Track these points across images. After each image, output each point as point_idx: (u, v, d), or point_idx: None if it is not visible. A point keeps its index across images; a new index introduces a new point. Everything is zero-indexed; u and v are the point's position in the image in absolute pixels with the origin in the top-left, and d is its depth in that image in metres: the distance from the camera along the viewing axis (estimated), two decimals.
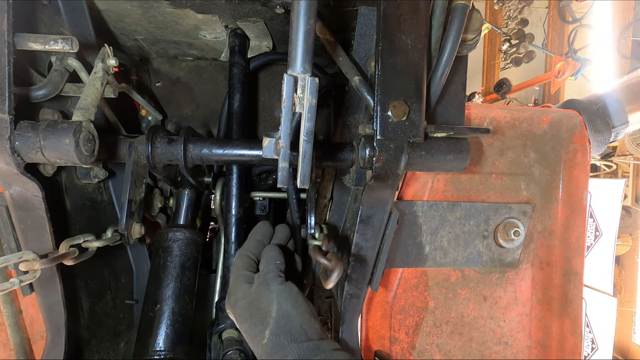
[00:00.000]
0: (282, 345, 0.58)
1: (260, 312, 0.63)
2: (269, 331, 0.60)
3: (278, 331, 0.60)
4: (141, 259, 1.14)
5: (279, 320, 0.61)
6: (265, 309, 0.63)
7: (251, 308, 0.65)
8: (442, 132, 0.76)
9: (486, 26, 5.05)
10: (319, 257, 0.70)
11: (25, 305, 0.94)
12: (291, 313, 0.62)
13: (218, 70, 1.29)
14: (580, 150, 1.12)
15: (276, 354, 0.58)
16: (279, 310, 0.62)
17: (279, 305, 0.62)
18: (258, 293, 0.66)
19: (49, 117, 0.77)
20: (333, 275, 0.66)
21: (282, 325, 0.60)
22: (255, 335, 0.62)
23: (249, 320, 0.65)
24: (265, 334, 0.60)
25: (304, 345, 0.58)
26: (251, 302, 0.66)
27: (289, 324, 0.61)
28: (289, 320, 0.61)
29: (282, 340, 0.59)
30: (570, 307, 1.13)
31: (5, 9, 0.59)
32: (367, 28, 0.87)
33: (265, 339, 0.60)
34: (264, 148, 0.65)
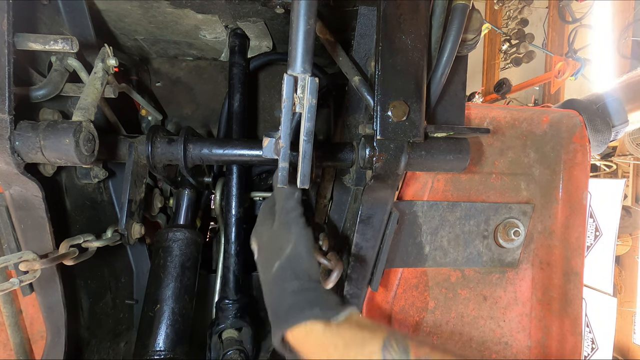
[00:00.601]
0: (285, 277, 0.66)
1: (277, 247, 0.70)
2: (279, 264, 0.67)
3: (286, 266, 0.67)
4: (141, 259, 1.14)
5: (290, 258, 0.67)
6: (281, 246, 0.70)
7: (270, 242, 0.73)
8: (442, 132, 0.76)
9: (486, 26, 5.05)
10: (319, 257, 0.72)
11: (25, 305, 0.93)
12: (303, 256, 0.68)
13: (218, 70, 1.29)
14: (580, 150, 1.12)
15: (278, 283, 0.66)
16: (292, 250, 0.68)
17: (294, 246, 0.69)
18: (279, 232, 0.73)
19: (49, 117, 0.77)
20: (333, 275, 0.69)
21: (291, 262, 0.67)
22: (267, 265, 0.70)
23: (266, 251, 0.73)
24: (275, 265, 0.68)
25: (304, 282, 0.65)
26: (271, 238, 0.73)
27: (297, 263, 0.67)
28: (298, 261, 0.67)
29: (287, 273, 0.66)
30: (570, 307, 1.13)
31: (5, 9, 0.59)
32: (367, 28, 0.87)
33: (274, 268, 0.68)
34: (264, 148, 0.65)
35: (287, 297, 0.64)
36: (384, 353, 0.51)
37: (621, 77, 1.32)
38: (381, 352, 0.52)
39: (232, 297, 1.03)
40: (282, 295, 0.65)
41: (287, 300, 0.64)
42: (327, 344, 0.57)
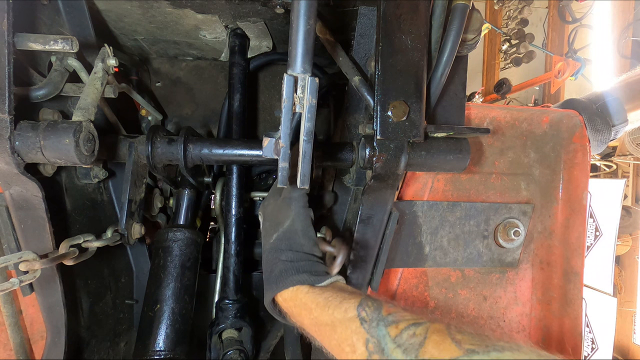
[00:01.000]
0: (280, 248, 0.72)
1: (277, 220, 0.77)
2: (276, 235, 0.75)
3: (283, 238, 0.74)
4: (141, 259, 1.14)
5: (286, 232, 0.74)
6: (281, 220, 0.77)
7: (272, 216, 0.80)
8: (442, 132, 0.76)
9: (486, 26, 5.05)
10: (324, 245, 0.75)
11: (25, 305, 0.93)
12: (298, 231, 0.74)
13: (218, 70, 1.29)
14: (580, 150, 1.12)
15: (274, 252, 0.73)
16: (290, 226, 0.75)
17: (292, 222, 0.75)
18: (281, 206, 0.79)
19: (49, 117, 0.77)
20: (337, 259, 0.72)
21: (287, 235, 0.74)
22: (267, 235, 0.77)
23: (269, 222, 0.80)
24: (273, 236, 0.75)
25: (296, 254, 0.71)
26: (274, 211, 0.80)
27: (292, 237, 0.74)
28: (293, 235, 0.74)
29: (282, 244, 0.73)
30: (570, 307, 1.13)
31: (5, 9, 0.59)
32: (367, 28, 0.87)
33: (272, 239, 0.75)
34: (264, 148, 0.65)
35: (280, 264, 0.70)
36: (359, 310, 0.55)
37: (621, 76, 1.32)
38: (356, 310, 0.56)
39: (232, 297, 1.03)
40: (275, 263, 0.71)
41: (279, 267, 0.70)
42: (309, 303, 0.62)
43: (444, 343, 0.45)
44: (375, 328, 0.51)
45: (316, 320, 0.60)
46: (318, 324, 0.60)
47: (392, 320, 0.51)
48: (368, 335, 0.51)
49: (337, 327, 0.56)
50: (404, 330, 0.49)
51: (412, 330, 0.48)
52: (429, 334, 0.47)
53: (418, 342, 0.46)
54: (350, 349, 0.53)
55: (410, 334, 0.48)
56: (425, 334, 0.47)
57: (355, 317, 0.55)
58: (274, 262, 0.71)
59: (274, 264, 0.71)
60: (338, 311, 0.57)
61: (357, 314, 0.55)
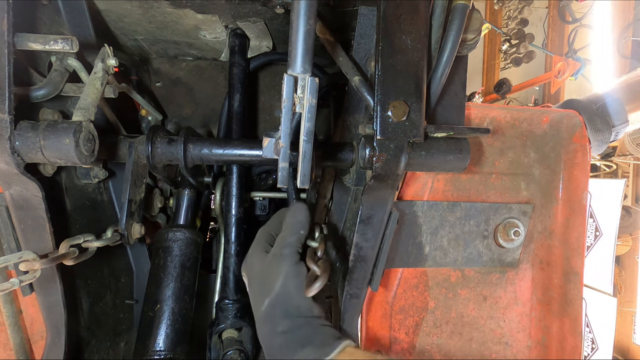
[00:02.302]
0: (274, 316, 0.64)
1: (266, 283, 0.68)
2: (268, 301, 0.66)
3: (275, 304, 0.65)
4: (141, 259, 1.14)
5: (279, 296, 0.66)
6: (271, 282, 0.68)
7: (261, 277, 0.71)
8: (442, 132, 0.76)
9: (486, 26, 5.05)
10: (310, 262, 0.70)
11: (25, 305, 0.93)
12: (292, 293, 0.66)
13: (218, 70, 1.29)
14: (580, 150, 1.12)
15: (268, 322, 0.64)
16: (281, 287, 0.66)
17: (283, 283, 0.66)
18: (270, 266, 0.70)
19: (49, 117, 0.77)
20: (316, 284, 0.65)
21: (280, 300, 0.65)
22: (257, 302, 0.68)
23: (256, 286, 0.71)
24: (265, 302, 0.66)
25: (294, 320, 0.63)
26: (262, 272, 0.71)
27: (287, 301, 0.65)
28: (287, 298, 0.65)
29: (276, 312, 0.64)
30: (570, 307, 1.13)
31: (5, 9, 0.59)
32: (367, 28, 0.87)
33: (263, 306, 0.66)
34: (264, 148, 0.65)
35: (278, 338, 0.62)
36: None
37: (621, 77, 1.32)
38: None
39: (232, 297, 1.03)
40: (272, 335, 0.63)
41: (278, 341, 0.62)
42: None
43: None
44: None
45: None
46: None
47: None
48: None
49: None
50: None
51: None
52: None
53: None
54: None
55: None
56: None
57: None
58: (271, 333, 0.63)
59: (271, 336, 0.63)
60: None
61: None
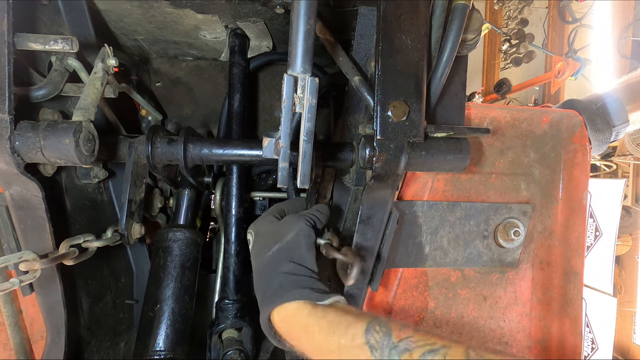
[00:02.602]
0: (281, 259, 0.68)
1: (278, 234, 0.73)
2: (277, 247, 0.70)
3: (284, 249, 0.70)
4: (141, 259, 1.14)
5: (289, 244, 0.70)
6: (283, 234, 0.72)
7: (272, 231, 0.75)
8: (442, 132, 0.76)
9: (486, 26, 5.05)
10: (334, 253, 0.71)
11: (25, 305, 0.93)
12: (302, 246, 0.70)
13: (218, 70, 1.29)
14: (580, 150, 1.12)
15: (272, 264, 0.68)
16: (293, 238, 0.71)
17: (295, 236, 0.71)
18: (284, 223, 0.76)
19: (49, 117, 0.77)
20: (354, 270, 0.69)
21: (290, 247, 0.70)
22: (264, 249, 0.71)
23: (265, 239, 0.74)
24: (273, 248, 0.70)
25: (298, 267, 0.67)
26: (273, 227, 0.76)
27: (295, 250, 0.70)
28: (296, 248, 0.70)
29: (283, 256, 0.68)
30: (570, 307, 1.13)
31: (5, 9, 0.59)
32: (367, 28, 0.87)
33: (271, 251, 0.70)
34: (264, 148, 0.65)
35: (279, 277, 0.66)
36: (367, 336, 0.51)
37: (621, 77, 1.32)
38: (364, 336, 0.52)
39: (232, 297, 1.03)
40: (273, 276, 0.66)
41: (279, 279, 0.65)
42: (311, 326, 0.58)
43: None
44: (388, 356, 0.48)
45: (319, 346, 0.56)
46: (321, 351, 0.56)
47: (405, 348, 0.48)
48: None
49: (343, 354, 0.52)
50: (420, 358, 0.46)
51: (428, 358, 0.45)
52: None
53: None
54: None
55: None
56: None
57: (363, 344, 0.51)
58: (272, 275, 0.67)
59: (272, 277, 0.66)
60: (345, 338, 0.53)
61: (365, 341, 0.51)
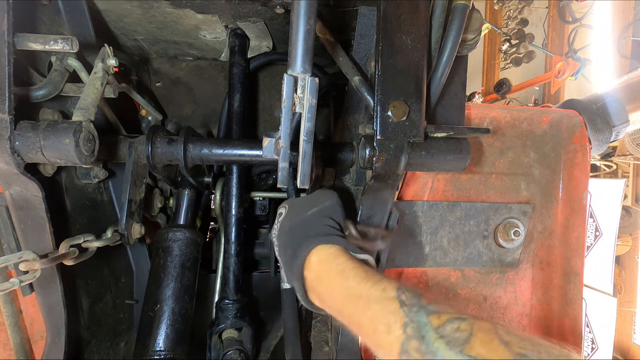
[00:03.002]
0: (321, 216, 0.71)
1: (317, 201, 0.76)
2: (317, 209, 0.73)
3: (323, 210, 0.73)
4: (141, 259, 1.14)
5: (329, 208, 0.74)
6: (320, 201, 0.76)
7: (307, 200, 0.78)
8: (442, 132, 0.76)
9: (486, 26, 5.05)
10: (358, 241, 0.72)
11: (25, 305, 0.93)
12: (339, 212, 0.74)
13: (218, 70, 1.29)
14: (580, 150, 1.12)
15: (313, 219, 0.71)
16: (330, 204, 0.75)
17: (332, 203, 0.75)
18: (319, 193, 0.79)
19: (49, 117, 0.77)
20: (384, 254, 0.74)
21: (330, 211, 0.73)
22: (301, 212, 0.74)
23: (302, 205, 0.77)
24: (313, 209, 0.73)
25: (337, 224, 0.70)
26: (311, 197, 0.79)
27: (335, 214, 0.73)
28: (335, 213, 0.73)
29: (323, 214, 0.72)
30: (570, 307, 1.13)
31: (5, 9, 0.59)
32: (367, 28, 0.87)
33: (310, 211, 0.73)
34: (264, 148, 0.65)
35: (321, 227, 0.69)
36: (398, 293, 0.52)
37: (621, 77, 1.32)
38: (395, 291, 0.52)
39: (232, 297, 1.03)
40: (315, 226, 0.69)
41: (321, 228, 0.68)
42: (347, 270, 0.59)
43: (492, 343, 0.41)
44: (416, 313, 0.48)
45: (350, 290, 0.56)
46: (351, 296, 0.56)
47: (433, 310, 0.48)
48: (407, 319, 0.48)
49: (372, 303, 0.52)
50: (447, 323, 0.45)
51: (456, 324, 0.45)
52: (474, 331, 0.43)
53: (463, 337, 0.43)
54: (385, 329, 0.49)
55: (455, 327, 0.44)
56: (470, 331, 0.43)
57: (394, 298, 0.51)
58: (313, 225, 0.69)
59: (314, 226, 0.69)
60: (376, 287, 0.54)
61: (396, 295, 0.51)
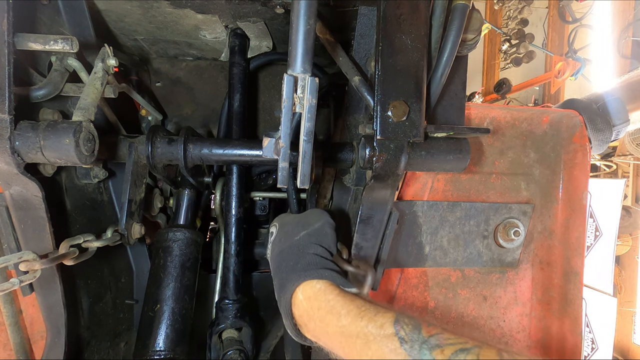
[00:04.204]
0: (310, 242, 0.70)
1: (305, 223, 0.75)
2: (306, 232, 0.72)
3: (313, 234, 0.72)
4: (141, 259, 1.14)
5: (318, 231, 0.73)
6: (310, 222, 0.75)
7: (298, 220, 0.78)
8: (442, 132, 0.76)
9: (486, 26, 5.05)
10: (345, 265, 0.71)
11: (25, 305, 0.93)
12: (328, 234, 0.73)
13: (218, 70, 1.29)
14: (580, 150, 1.12)
15: (301, 247, 0.70)
16: (321, 227, 0.73)
17: (323, 225, 0.74)
18: (310, 213, 0.79)
19: (49, 117, 0.77)
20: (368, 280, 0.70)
21: (318, 234, 0.72)
22: (291, 234, 0.73)
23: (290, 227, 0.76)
24: (302, 234, 0.72)
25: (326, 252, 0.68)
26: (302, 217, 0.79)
27: (323, 236, 0.72)
28: (324, 235, 0.72)
29: (312, 240, 0.71)
30: (570, 307, 1.13)
31: (5, 9, 0.59)
32: (367, 28, 0.87)
33: (298, 236, 0.72)
34: (264, 148, 0.65)
35: (308, 257, 0.67)
36: (396, 327, 0.49)
37: (622, 76, 1.32)
38: (393, 326, 0.49)
39: (232, 297, 1.03)
40: (302, 255, 0.67)
41: (307, 258, 0.66)
42: (338, 307, 0.56)
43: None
44: (418, 351, 0.46)
45: (345, 330, 0.53)
46: (347, 335, 0.53)
47: (436, 344, 0.46)
48: (410, 358, 0.46)
49: (371, 343, 0.50)
50: (452, 357, 0.44)
51: (461, 357, 0.43)
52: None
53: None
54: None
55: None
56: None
57: (393, 335, 0.49)
58: (301, 254, 0.67)
59: (300, 255, 0.67)
60: (373, 325, 0.51)
61: (394, 332, 0.49)
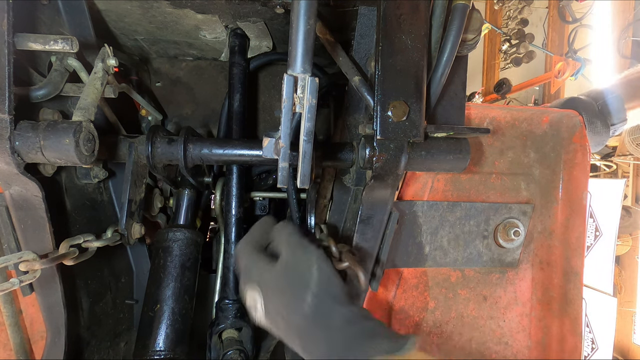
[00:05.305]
0: (326, 308, 0.55)
1: (299, 275, 0.58)
2: (311, 294, 0.56)
3: (321, 294, 0.56)
4: (141, 259, 1.14)
5: (322, 283, 0.57)
6: (304, 272, 0.58)
7: (283, 274, 0.60)
8: (442, 132, 0.76)
9: (486, 26, 5.06)
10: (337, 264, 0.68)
11: (25, 305, 0.93)
12: (332, 276, 0.59)
13: (218, 70, 1.29)
14: (580, 150, 1.12)
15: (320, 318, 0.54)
16: (321, 273, 0.58)
17: (319, 267, 0.58)
18: (295, 257, 0.61)
19: (49, 117, 0.77)
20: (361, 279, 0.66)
21: (326, 287, 0.57)
22: (294, 302, 0.57)
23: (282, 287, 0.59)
24: (307, 298, 0.56)
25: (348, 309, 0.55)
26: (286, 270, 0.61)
27: (332, 287, 0.57)
28: (331, 284, 0.58)
29: (327, 303, 0.55)
30: (570, 307, 1.13)
31: (5, 9, 0.59)
32: (367, 28, 0.87)
33: (306, 303, 0.55)
34: (264, 148, 0.65)
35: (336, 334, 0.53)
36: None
37: (622, 73, 1.32)
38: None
39: (232, 297, 1.03)
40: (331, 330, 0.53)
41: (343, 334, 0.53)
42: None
43: None
44: None
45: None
46: None
47: None
48: None
49: None
50: None
51: None
52: None
53: None
54: None
55: None
56: None
57: None
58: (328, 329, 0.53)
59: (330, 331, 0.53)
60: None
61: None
